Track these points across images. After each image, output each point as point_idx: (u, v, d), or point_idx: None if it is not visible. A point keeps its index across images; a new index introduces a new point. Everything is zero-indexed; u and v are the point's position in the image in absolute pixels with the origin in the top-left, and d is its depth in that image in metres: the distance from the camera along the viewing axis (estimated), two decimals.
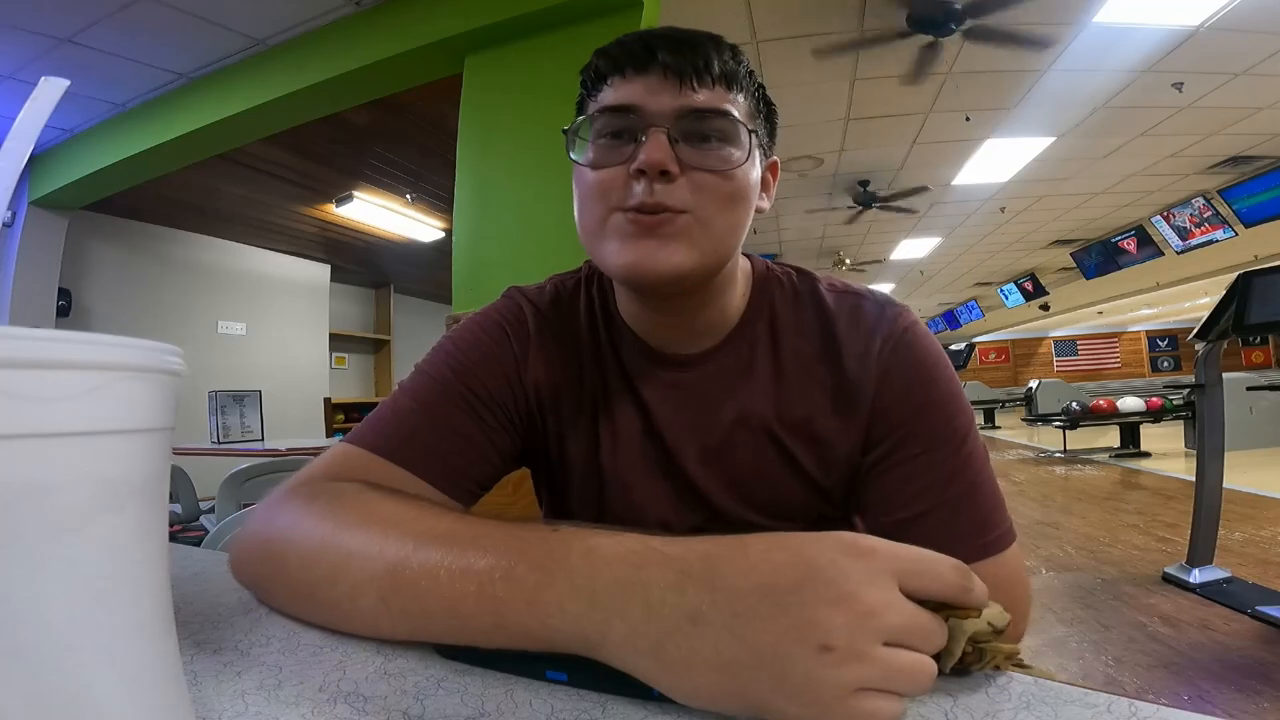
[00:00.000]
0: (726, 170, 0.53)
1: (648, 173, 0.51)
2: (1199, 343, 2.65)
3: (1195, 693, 1.68)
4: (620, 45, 0.55)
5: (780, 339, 0.61)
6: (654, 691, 0.29)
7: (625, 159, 0.53)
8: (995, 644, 0.31)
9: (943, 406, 0.57)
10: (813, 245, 7.23)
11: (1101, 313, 12.11)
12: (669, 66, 0.52)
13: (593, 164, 0.54)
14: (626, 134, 0.53)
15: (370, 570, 0.37)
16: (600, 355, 0.64)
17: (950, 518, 0.54)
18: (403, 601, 0.35)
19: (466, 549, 0.35)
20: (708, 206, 0.53)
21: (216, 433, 3.21)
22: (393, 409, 0.58)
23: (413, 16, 2.43)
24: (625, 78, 0.54)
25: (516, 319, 0.64)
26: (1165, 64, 3.48)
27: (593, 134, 0.55)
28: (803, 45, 3.14)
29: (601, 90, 0.55)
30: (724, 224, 0.54)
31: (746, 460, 0.60)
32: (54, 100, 0.26)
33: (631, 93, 0.53)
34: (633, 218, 0.52)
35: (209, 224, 4.98)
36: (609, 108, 0.54)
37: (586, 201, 0.55)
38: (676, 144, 0.52)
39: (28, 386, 0.18)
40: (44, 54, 2.75)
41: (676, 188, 0.52)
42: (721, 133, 0.53)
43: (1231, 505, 3.52)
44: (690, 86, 0.52)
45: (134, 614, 0.21)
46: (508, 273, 2.19)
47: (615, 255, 0.53)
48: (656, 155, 0.51)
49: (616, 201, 0.53)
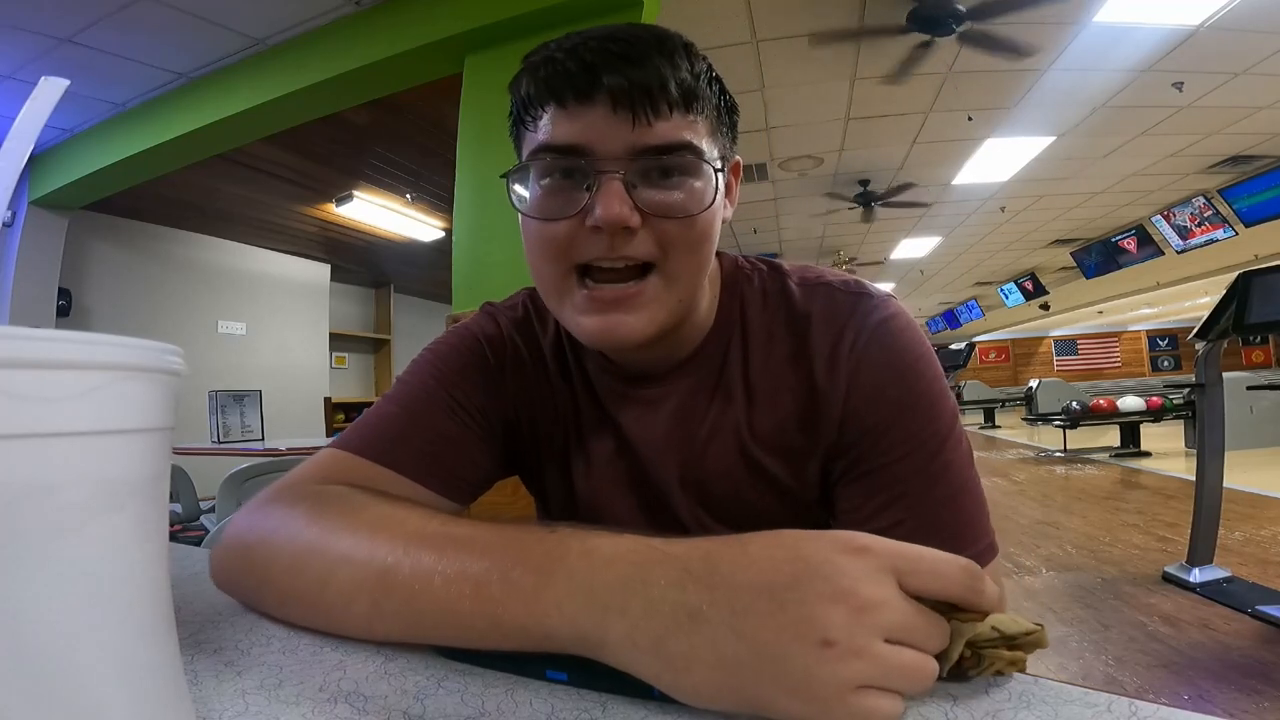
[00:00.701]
0: (693, 215, 0.48)
1: (605, 229, 0.46)
2: (1199, 342, 2.65)
3: (1195, 692, 1.68)
4: (554, 66, 0.46)
5: (751, 346, 0.57)
6: (654, 691, 0.29)
7: (577, 210, 0.47)
8: (998, 651, 0.31)
9: (920, 407, 0.51)
10: (813, 245, 7.23)
11: (1101, 312, 12.11)
12: (618, 96, 0.45)
13: (541, 215, 0.49)
14: (576, 175, 0.47)
15: (361, 574, 0.36)
16: (570, 376, 0.61)
17: (923, 532, 0.48)
18: (395, 605, 0.35)
19: (461, 551, 0.35)
20: (675, 258, 0.49)
21: (216, 433, 3.21)
22: (378, 415, 0.57)
23: (413, 16, 2.43)
24: (566, 109, 0.46)
25: (494, 336, 0.62)
26: (1165, 64, 3.48)
27: (535, 174, 0.49)
28: (802, 41, 3.14)
29: (540, 119, 0.48)
30: (693, 269, 0.50)
31: (723, 477, 0.56)
32: (54, 100, 0.26)
33: (576, 131, 0.46)
34: (594, 294, 0.48)
35: (209, 224, 4.98)
36: (552, 147, 0.47)
37: (540, 258, 0.50)
38: (634, 189, 0.46)
39: (28, 386, 0.18)
40: (44, 54, 2.75)
41: (639, 238, 0.47)
42: (684, 167, 0.48)
43: (1231, 505, 3.51)
44: (644, 118, 0.45)
45: (134, 614, 0.21)
46: (508, 273, 2.19)
47: (578, 327, 0.50)
48: (614, 211, 0.45)
49: (574, 257, 0.49)
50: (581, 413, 0.61)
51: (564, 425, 0.61)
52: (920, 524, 0.49)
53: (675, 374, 0.58)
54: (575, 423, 0.61)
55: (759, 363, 0.56)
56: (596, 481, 0.60)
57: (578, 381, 0.61)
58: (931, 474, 0.50)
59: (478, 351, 0.61)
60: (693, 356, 0.58)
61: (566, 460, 0.61)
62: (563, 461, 0.61)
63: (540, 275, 0.52)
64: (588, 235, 0.47)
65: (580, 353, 0.61)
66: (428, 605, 0.34)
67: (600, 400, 0.60)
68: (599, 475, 0.60)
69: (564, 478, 0.62)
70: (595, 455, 0.60)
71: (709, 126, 0.50)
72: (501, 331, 0.63)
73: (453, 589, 0.33)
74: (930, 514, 0.49)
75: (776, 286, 0.59)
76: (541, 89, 0.47)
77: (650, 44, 0.47)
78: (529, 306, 0.65)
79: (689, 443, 0.57)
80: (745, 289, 0.59)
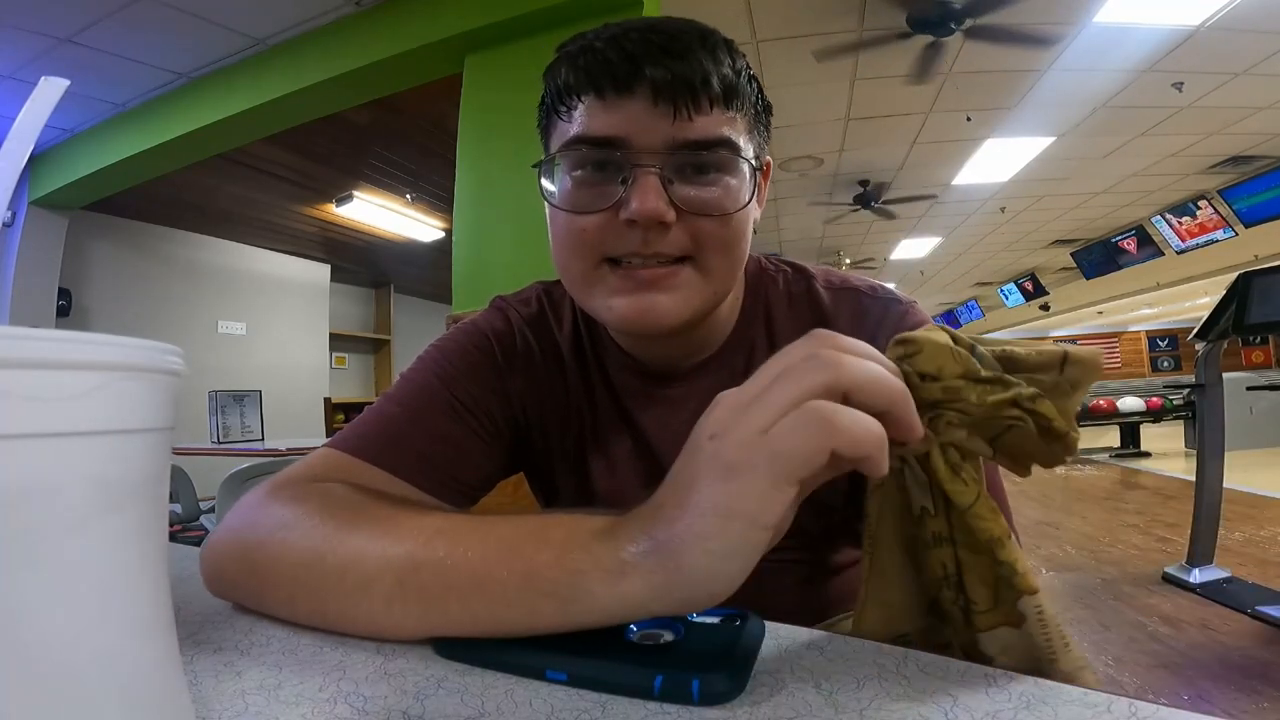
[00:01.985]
0: (729, 214, 0.47)
1: (640, 223, 0.45)
2: (1199, 343, 2.66)
3: (1195, 692, 1.68)
4: (593, 55, 0.45)
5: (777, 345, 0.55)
6: (654, 690, 0.29)
7: (611, 204, 0.46)
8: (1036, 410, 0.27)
9: None
10: (813, 245, 7.23)
11: (1101, 313, 12.10)
12: (660, 88, 0.44)
13: (572, 207, 0.48)
14: (610, 168, 0.46)
15: (387, 555, 0.35)
16: (587, 372, 0.60)
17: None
18: (424, 579, 0.34)
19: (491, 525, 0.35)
20: (709, 253, 0.48)
21: (216, 433, 3.21)
22: (377, 414, 0.55)
23: (413, 16, 2.44)
24: (604, 100, 0.45)
25: (504, 332, 0.61)
26: (1165, 64, 3.48)
27: (567, 165, 0.48)
28: (803, 45, 3.14)
29: (575, 109, 0.47)
30: (727, 265, 0.49)
31: None
32: (54, 100, 0.26)
33: (614, 123, 0.45)
34: (627, 272, 0.47)
35: (209, 224, 4.98)
36: (587, 139, 0.46)
37: (568, 250, 0.49)
38: (670, 184, 0.45)
39: (28, 386, 0.17)
40: (44, 54, 2.75)
41: (673, 234, 0.47)
42: (721, 164, 0.47)
43: (1231, 505, 3.51)
44: (686, 112, 0.44)
45: (134, 614, 0.21)
46: (508, 273, 2.19)
47: (610, 310, 0.49)
48: (650, 205, 0.44)
49: (605, 251, 0.48)
50: (599, 411, 0.59)
51: (578, 424, 0.60)
52: None
53: (698, 372, 0.57)
54: (591, 421, 0.60)
55: None
56: (613, 481, 0.59)
57: (596, 379, 0.60)
58: None
59: (485, 349, 0.59)
60: (716, 354, 0.57)
61: (581, 459, 0.60)
62: (576, 460, 0.60)
63: (567, 268, 0.51)
64: (620, 229, 0.46)
65: (600, 350, 0.60)
66: (459, 577, 0.33)
67: (619, 398, 0.59)
68: (616, 474, 0.59)
69: (577, 477, 0.60)
70: (612, 454, 0.59)
71: (747, 124, 0.49)
72: (512, 327, 0.61)
73: (489, 554, 0.33)
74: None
75: (802, 289, 0.59)
76: (581, 78, 0.46)
77: (693, 37, 0.46)
78: (543, 301, 0.63)
79: None
80: (770, 290, 0.59)
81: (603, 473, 0.59)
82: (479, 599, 0.33)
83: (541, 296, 0.64)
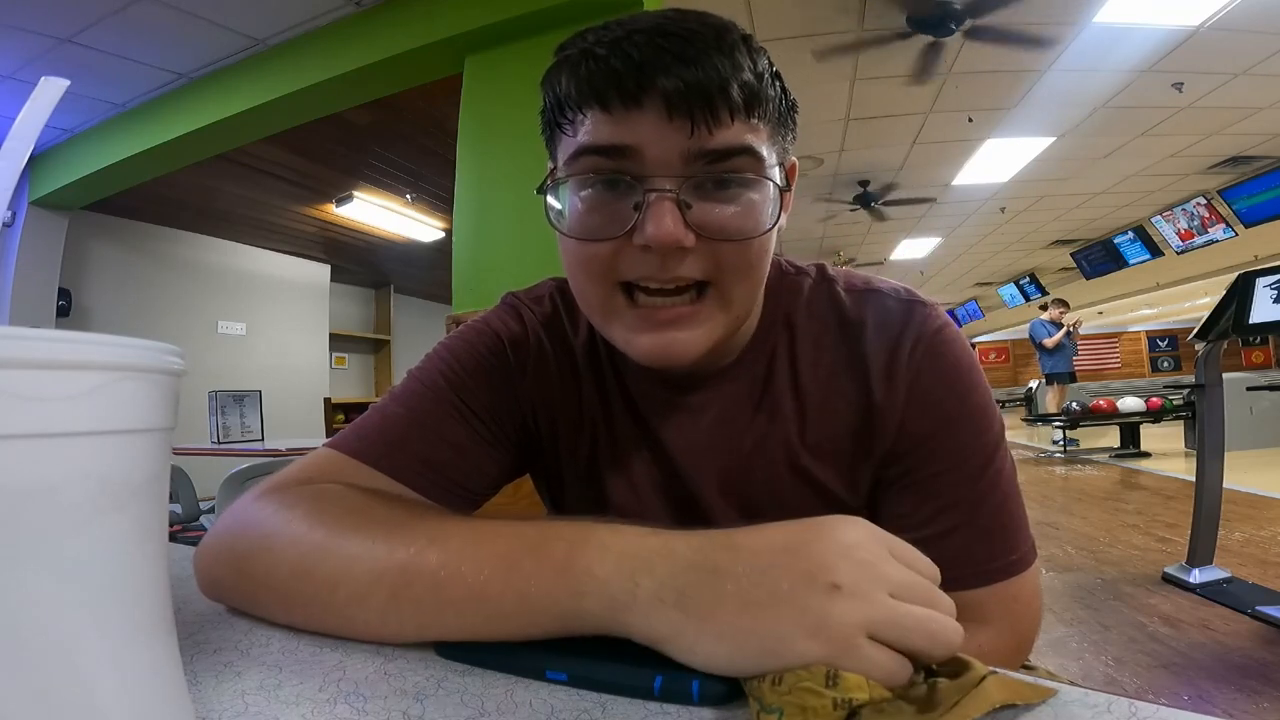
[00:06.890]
0: (751, 238, 0.44)
1: (655, 250, 0.42)
2: (1199, 343, 2.65)
3: (1195, 693, 1.68)
4: (595, 62, 0.41)
5: (799, 351, 0.54)
6: (655, 690, 0.29)
7: (624, 229, 0.43)
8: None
9: (973, 420, 0.51)
10: (813, 245, 7.23)
11: (1102, 313, 12.10)
12: (673, 100, 0.40)
13: (582, 234, 0.44)
14: (622, 187, 0.43)
15: (380, 566, 0.35)
16: (602, 376, 0.58)
17: (972, 539, 0.49)
18: (418, 592, 0.34)
19: (489, 536, 0.35)
20: (730, 278, 0.45)
21: (216, 433, 3.21)
22: (381, 415, 0.54)
23: (413, 16, 2.43)
24: (610, 114, 0.41)
25: (518, 334, 0.58)
26: (1165, 64, 3.48)
27: (574, 185, 0.44)
28: (803, 46, 3.14)
29: (577, 123, 0.43)
30: (747, 290, 0.47)
31: (767, 487, 0.54)
32: (54, 100, 0.26)
33: (622, 133, 0.41)
34: (645, 312, 0.45)
35: (209, 224, 4.98)
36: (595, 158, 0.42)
37: (582, 276, 0.47)
38: (688, 208, 0.42)
39: (28, 386, 0.17)
40: (44, 54, 2.75)
41: (692, 258, 0.44)
42: (744, 181, 0.43)
43: (1231, 505, 3.51)
44: (704, 127, 0.40)
45: (134, 614, 0.21)
46: (508, 273, 2.19)
47: (629, 345, 0.47)
48: (667, 230, 0.41)
49: (619, 276, 0.45)
50: (614, 417, 0.57)
51: (591, 429, 0.58)
52: (973, 531, 0.50)
53: (718, 379, 0.55)
54: (606, 427, 0.58)
55: (808, 370, 0.54)
56: (628, 487, 0.57)
57: (612, 384, 0.57)
58: (984, 483, 0.50)
59: (496, 350, 0.57)
60: (737, 361, 0.55)
61: (594, 465, 0.58)
62: (589, 466, 0.58)
63: (583, 293, 0.49)
64: (635, 254, 0.43)
65: (616, 356, 0.57)
66: (454, 591, 0.33)
67: (636, 404, 0.57)
68: (632, 481, 0.57)
69: (589, 482, 0.58)
70: (627, 460, 0.57)
71: (771, 131, 0.45)
72: (526, 329, 0.59)
73: (484, 569, 0.33)
74: (983, 521, 0.50)
75: (823, 292, 0.57)
76: (582, 88, 0.41)
77: (708, 39, 0.41)
78: (556, 301, 0.61)
79: (731, 452, 0.54)
80: (791, 294, 0.57)
81: (616, 477, 0.58)
82: (475, 614, 0.33)
83: (555, 295, 0.61)
